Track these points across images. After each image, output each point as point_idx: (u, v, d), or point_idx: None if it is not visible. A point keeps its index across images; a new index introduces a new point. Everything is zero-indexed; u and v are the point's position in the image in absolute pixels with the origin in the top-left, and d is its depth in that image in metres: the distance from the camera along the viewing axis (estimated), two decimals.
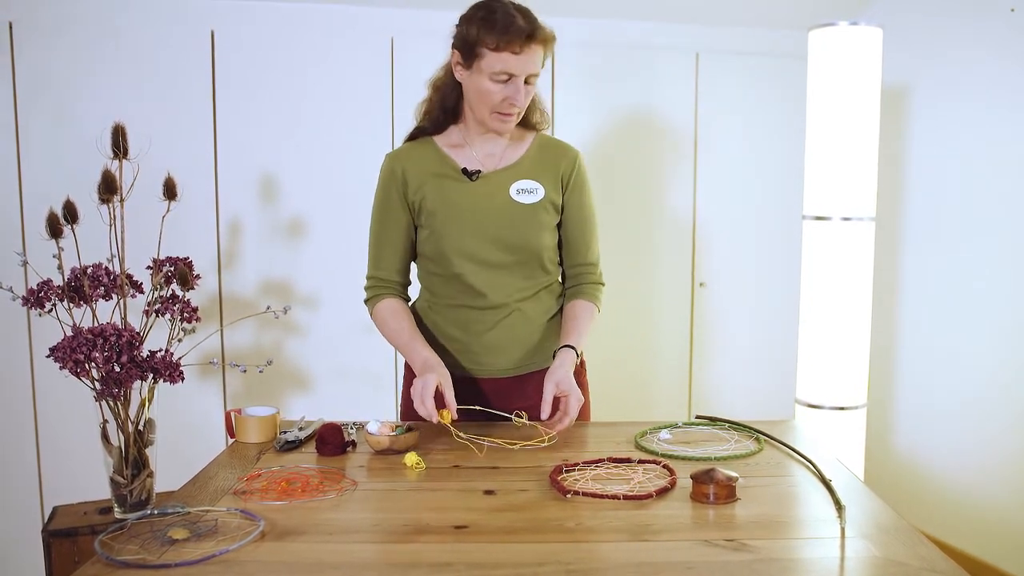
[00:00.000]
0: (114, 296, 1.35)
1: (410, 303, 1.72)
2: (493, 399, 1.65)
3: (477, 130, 1.62)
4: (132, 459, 1.29)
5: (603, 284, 1.71)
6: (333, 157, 2.83)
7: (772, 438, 1.49)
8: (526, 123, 1.66)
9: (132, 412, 1.29)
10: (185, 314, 1.38)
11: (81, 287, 1.32)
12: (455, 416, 1.44)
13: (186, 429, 2.63)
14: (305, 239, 2.83)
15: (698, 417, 1.65)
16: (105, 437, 1.29)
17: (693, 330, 3.15)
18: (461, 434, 1.43)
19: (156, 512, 1.13)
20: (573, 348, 1.56)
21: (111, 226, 1.32)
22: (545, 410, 1.46)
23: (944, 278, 2.86)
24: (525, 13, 1.50)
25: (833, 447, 2.47)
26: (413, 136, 1.69)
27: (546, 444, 1.44)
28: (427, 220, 1.61)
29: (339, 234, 2.85)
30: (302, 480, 1.27)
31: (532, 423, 1.47)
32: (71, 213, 1.30)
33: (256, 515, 1.12)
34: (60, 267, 1.32)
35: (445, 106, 1.63)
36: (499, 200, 1.59)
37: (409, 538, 1.06)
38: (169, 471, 1.55)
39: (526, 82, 1.51)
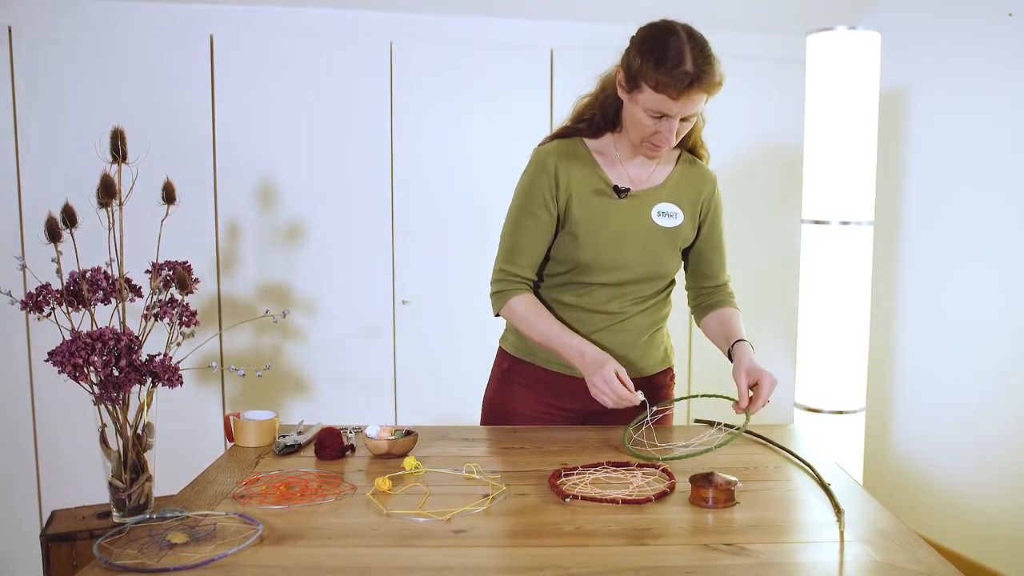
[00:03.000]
0: (113, 300, 1.35)
1: None
2: (580, 400, 1.62)
3: (630, 146, 1.58)
4: (131, 463, 1.28)
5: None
6: (332, 161, 2.83)
7: (771, 442, 1.50)
8: (679, 143, 1.61)
9: (131, 416, 1.29)
10: (184, 318, 1.38)
11: (80, 291, 1.32)
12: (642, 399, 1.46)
13: (185, 433, 2.63)
14: (304, 243, 2.84)
15: (696, 421, 1.65)
16: (104, 441, 1.29)
17: (692, 334, 3.15)
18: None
19: (155, 516, 1.13)
20: (745, 340, 1.58)
21: (110, 230, 1.32)
22: (743, 399, 1.47)
23: (942, 282, 2.87)
24: (697, 52, 1.40)
25: (832, 451, 2.47)
26: (565, 133, 1.63)
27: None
28: (570, 227, 1.57)
29: (338, 238, 2.86)
30: (301, 484, 1.27)
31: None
32: (70, 217, 1.30)
33: (255, 519, 1.11)
34: (59, 271, 1.32)
35: (606, 113, 1.59)
36: (641, 220, 1.58)
37: (408, 542, 1.06)
38: (168, 475, 1.55)
39: (683, 119, 1.46)
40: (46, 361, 1.23)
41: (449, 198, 2.91)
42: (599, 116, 1.60)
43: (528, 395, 1.67)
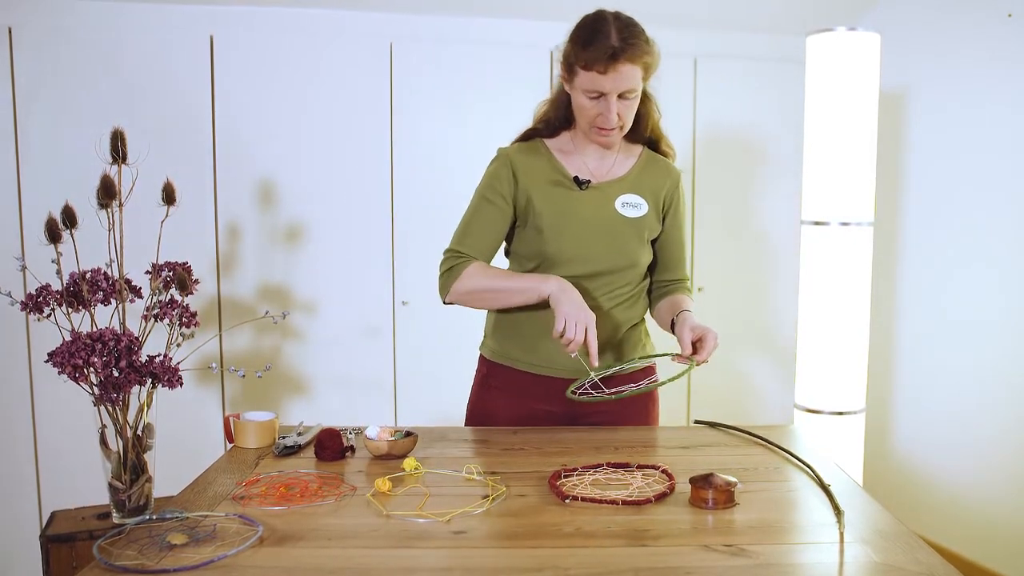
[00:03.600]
0: (113, 301, 1.35)
1: None
2: (558, 402, 1.62)
3: (586, 139, 1.61)
4: (131, 464, 1.28)
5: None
6: (332, 162, 2.83)
7: (771, 443, 1.50)
8: (637, 136, 1.66)
9: (131, 417, 1.29)
10: (184, 319, 1.38)
11: (80, 292, 1.32)
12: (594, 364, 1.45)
13: (185, 434, 2.63)
14: (304, 244, 2.84)
15: (696, 422, 1.65)
16: (103, 442, 1.29)
17: None
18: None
19: (155, 517, 1.13)
20: (691, 312, 1.58)
21: (110, 231, 1.32)
22: (687, 349, 1.48)
23: (942, 282, 2.87)
24: (622, 28, 1.46)
25: (832, 452, 2.47)
26: (526, 137, 1.68)
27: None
28: (533, 221, 1.60)
29: (338, 239, 2.86)
30: (301, 485, 1.27)
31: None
32: (70, 218, 1.30)
33: (255, 520, 1.12)
34: (59, 272, 1.32)
35: (560, 112, 1.63)
36: (605, 211, 1.60)
37: (408, 543, 1.06)
38: (168, 476, 1.55)
39: (623, 97, 1.49)
40: (46, 362, 1.23)
41: (449, 198, 2.88)
42: (554, 116, 1.64)
43: (506, 399, 1.67)
